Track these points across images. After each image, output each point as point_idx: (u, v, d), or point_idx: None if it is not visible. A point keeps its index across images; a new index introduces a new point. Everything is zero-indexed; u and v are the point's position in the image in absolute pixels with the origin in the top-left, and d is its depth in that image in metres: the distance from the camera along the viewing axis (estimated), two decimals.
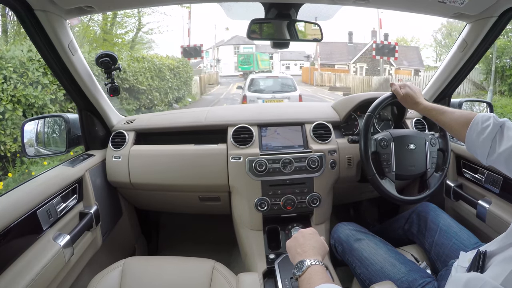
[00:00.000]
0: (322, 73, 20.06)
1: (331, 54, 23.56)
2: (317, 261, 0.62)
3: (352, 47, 23.43)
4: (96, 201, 1.07)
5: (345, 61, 22.71)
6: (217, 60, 29.61)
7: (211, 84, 19.55)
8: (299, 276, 0.61)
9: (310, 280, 0.58)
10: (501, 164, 0.67)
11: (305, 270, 0.61)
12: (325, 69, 21.52)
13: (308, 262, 0.62)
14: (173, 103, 8.75)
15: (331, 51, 23.64)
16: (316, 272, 0.60)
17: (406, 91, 0.94)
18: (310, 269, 0.60)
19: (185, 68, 10.04)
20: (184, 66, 10.07)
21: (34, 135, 1.14)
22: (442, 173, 1.05)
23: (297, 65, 30.76)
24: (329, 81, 18.46)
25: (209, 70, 24.87)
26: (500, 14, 0.92)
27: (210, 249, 1.33)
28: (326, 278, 0.58)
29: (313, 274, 0.59)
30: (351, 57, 22.67)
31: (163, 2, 0.95)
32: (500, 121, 0.69)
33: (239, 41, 29.12)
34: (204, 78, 15.72)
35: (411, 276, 0.80)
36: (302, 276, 0.61)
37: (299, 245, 0.69)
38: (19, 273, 0.71)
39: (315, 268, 0.60)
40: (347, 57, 22.85)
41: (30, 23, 0.82)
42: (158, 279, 0.84)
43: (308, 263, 0.61)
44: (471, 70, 1.18)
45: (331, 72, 19.91)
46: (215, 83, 20.28)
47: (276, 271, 0.99)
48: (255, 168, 1.06)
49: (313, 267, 0.61)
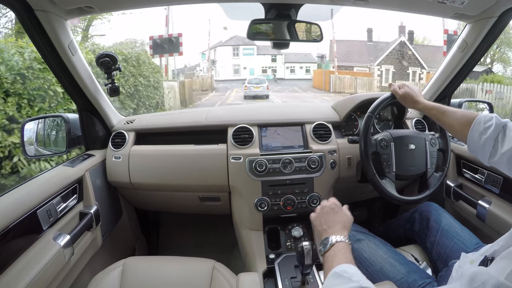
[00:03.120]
0: (340, 77, 16.37)
1: (348, 55, 19.83)
2: (342, 237, 0.64)
3: (372, 46, 20.03)
4: (96, 201, 1.07)
5: (365, 63, 19.28)
6: (211, 61, 26.09)
7: (205, 90, 16.83)
8: (324, 253, 0.63)
9: (333, 258, 0.60)
10: (503, 165, 0.66)
11: (329, 248, 0.63)
12: (343, 72, 17.74)
13: (333, 239, 0.63)
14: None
15: (348, 51, 19.92)
16: (339, 250, 0.61)
17: (405, 90, 0.94)
18: (334, 247, 0.62)
19: (146, 68, 6.33)
20: (145, 64, 6.31)
21: (34, 135, 1.14)
22: (442, 173, 1.05)
23: (303, 68, 27.62)
24: (350, 87, 15.25)
25: (203, 74, 22.19)
26: (500, 14, 0.92)
27: (210, 249, 1.33)
28: (347, 258, 0.59)
29: (336, 252, 0.61)
30: (372, 58, 19.21)
31: (163, 2, 0.95)
32: (502, 121, 0.68)
33: (238, 41, 26.64)
34: (190, 83, 12.38)
35: (411, 277, 0.80)
36: (327, 253, 0.63)
37: (325, 221, 0.70)
38: (19, 273, 0.71)
39: (339, 245, 0.62)
40: (367, 58, 19.43)
41: (30, 23, 0.82)
42: (158, 279, 0.84)
43: (333, 241, 0.63)
44: (471, 71, 1.18)
45: (351, 75, 16.63)
46: (209, 89, 17.50)
47: (276, 271, 0.99)
48: (255, 168, 1.06)
49: (337, 244, 0.63)
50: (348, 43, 20.23)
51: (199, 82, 17.59)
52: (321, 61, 23.30)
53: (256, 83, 14.56)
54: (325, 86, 17.22)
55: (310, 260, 0.81)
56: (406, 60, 18.23)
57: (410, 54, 18.27)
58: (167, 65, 11.21)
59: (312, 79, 21.94)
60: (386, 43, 19.85)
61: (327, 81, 16.96)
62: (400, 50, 18.43)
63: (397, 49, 18.51)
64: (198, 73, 23.11)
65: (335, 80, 16.16)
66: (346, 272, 0.52)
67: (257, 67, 27.25)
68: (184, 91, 10.74)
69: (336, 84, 16.03)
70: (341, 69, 18.20)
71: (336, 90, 15.54)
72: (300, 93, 17.14)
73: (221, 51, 27.49)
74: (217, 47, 27.59)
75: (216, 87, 19.28)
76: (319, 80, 18.73)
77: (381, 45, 19.94)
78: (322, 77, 18.06)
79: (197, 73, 22.74)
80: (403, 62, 18.16)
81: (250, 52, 26.53)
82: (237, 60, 27.36)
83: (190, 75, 19.90)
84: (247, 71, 26.73)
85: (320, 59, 24.08)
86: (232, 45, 27.19)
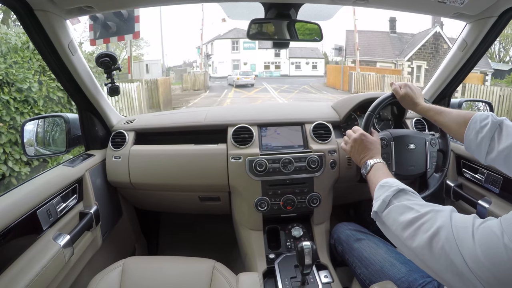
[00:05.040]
0: (364, 75, 13.12)
1: (369, 48, 16.68)
2: (377, 159, 0.80)
3: (396, 38, 16.93)
4: (96, 201, 1.07)
5: (389, 57, 16.21)
6: (206, 55, 23.28)
7: (197, 89, 14.55)
8: (366, 174, 0.79)
9: (376, 175, 0.75)
10: (500, 163, 0.67)
11: (370, 169, 0.79)
12: (366, 69, 14.57)
13: (370, 162, 0.80)
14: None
15: (369, 43, 16.78)
16: (378, 169, 0.77)
17: (406, 91, 0.94)
18: (373, 167, 0.78)
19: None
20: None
21: (34, 135, 1.14)
22: (442, 174, 1.05)
23: (309, 64, 24.67)
24: (376, 86, 12.43)
25: (195, 71, 19.16)
26: (500, 14, 0.92)
27: (210, 249, 1.33)
28: (386, 173, 0.75)
29: (376, 170, 0.77)
30: (397, 52, 16.22)
31: (163, 2, 0.95)
32: (498, 119, 0.69)
33: (238, 34, 23.48)
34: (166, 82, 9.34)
35: (411, 276, 0.80)
36: (369, 174, 0.78)
37: (360, 151, 0.85)
38: (19, 273, 0.71)
39: (376, 166, 0.78)
40: (391, 52, 16.41)
41: (30, 23, 0.82)
42: (158, 279, 0.84)
43: (371, 163, 0.79)
44: (471, 70, 1.18)
45: (376, 72, 13.27)
46: (202, 88, 14.97)
47: (276, 271, 0.99)
48: (255, 168, 1.06)
49: (375, 165, 0.79)
50: (368, 34, 17.14)
51: (190, 80, 15.20)
52: (339, 54, 19.04)
53: (246, 75, 18.02)
54: (343, 85, 14.33)
55: (310, 260, 0.81)
56: (442, 56, 14.44)
57: (446, 48, 14.67)
58: (130, 57, 8.64)
59: (323, 76, 19.54)
60: (411, 34, 16.91)
61: (346, 79, 13.93)
62: (434, 43, 15.11)
63: (431, 42, 15.16)
64: (195, 70, 20.77)
65: (357, 77, 13.04)
66: (387, 183, 0.68)
67: (259, 62, 24.62)
68: (158, 93, 8.42)
69: (358, 82, 12.96)
70: (361, 65, 15.58)
71: (358, 90, 12.20)
72: (314, 94, 14.12)
73: (219, 45, 24.60)
74: (214, 40, 24.70)
75: (212, 85, 17.45)
76: (335, 77, 15.82)
77: (406, 37, 16.88)
78: (339, 74, 15.10)
79: (193, 70, 20.41)
80: (437, 57, 14.55)
81: (251, 46, 23.30)
82: (236, 55, 24.53)
83: (181, 71, 18.10)
84: (247, 67, 24.01)
85: (338, 52, 19.28)
86: (231, 38, 24.24)
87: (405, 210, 0.58)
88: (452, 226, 0.49)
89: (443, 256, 0.48)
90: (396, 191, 0.63)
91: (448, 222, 0.50)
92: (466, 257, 0.45)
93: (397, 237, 0.59)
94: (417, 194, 0.64)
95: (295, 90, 15.59)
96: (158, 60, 18.74)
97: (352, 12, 14.89)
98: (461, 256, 0.45)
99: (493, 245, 0.43)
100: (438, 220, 0.51)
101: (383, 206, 0.63)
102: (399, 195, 0.63)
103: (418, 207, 0.57)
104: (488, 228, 0.45)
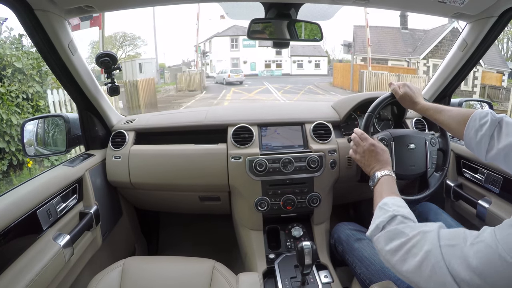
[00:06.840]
0: (376, 74, 11.94)
1: (379, 44, 15.48)
2: (386, 171, 0.78)
3: (408, 35, 15.76)
4: (96, 201, 1.07)
5: (401, 55, 15.14)
6: (203, 52, 21.93)
7: (192, 90, 13.63)
8: (373, 187, 0.78)
9: (381, 191, 0.73)
10: (500, 161, 0.67)
11: (376, 182, 0.77)
12: (378, 67, 13.49)
13: (378, 174, 0.78)
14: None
15: (379, 40, 15.53)
16: (384, 183, 0.76)
17: (405, 90, 0.94)
18: (380, 180, 0.77)
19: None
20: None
21: (34, 134, 1.14)
22: (442, 173, 1.05)
23: (312, 62, 23.79)
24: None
25: (192, 70, 18.49)
26: (500, 14, 0.92)
27: (210, 249, 1.33)
28: (392, 189, 0.73)
29: (382, 184, 0.75)
30: (410, 49, 15.06)
31: (163, 2, 0.95)
32: (498, 117, 0.69)
33: (237, 31, 22.41)
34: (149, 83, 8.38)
35: None
36: (375, 187, 0.77)
37: (369, 162, 0.83)
38: (19, 273, 0.71)
39: (383, 179, 0.76)
40: (403, 49, 15.24)
41: (30, 23, 0.82)
42: (158, 279, 0.84)
43: (378, 176, 0.78)
44: (471, 70, 1.18)
45: (389, 72, 12.19)
46: (198, 89, 14.01)
47: (276, 271, 0.99)
48: (255, 168, 1.06)
49: (382, 178, 0.77)
50: (378, 29, 15.74)
51: (185, 80, 14.18)
52: (348, 51, 17.24)
53: (236, 72, 18.48)
54: (353, 85, 13.08)
55: (310, 260, 0.81)
56: None
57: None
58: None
59: (327, 75, 18.61)
60: (423, 31, 15.73)
61: (356, 78, 12.68)
62: (452, 40, 13.42)
63: (448, 39, 13.73)
64: (192, 69, 19.89)
65: (369, 77, 11.85)
66: (386, 205, 0.66)
67: (259, 61, 23.61)
68: (138, 96, 7.49)
69: (371, 82, 11.73)
70: (372, 63, 14.36)
71: (371, 91, 10.83)
72: (322, 95, 13.07)
73: (217, 43, 23.47)
74: (212, 38, 23.65)
75: (209, 85, 16.40)
76: (343, 76, 14.65)
77: (418, 34, 15.67)
78: (348, 73, 13.90)
79: (189, 69, 19.42)
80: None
81: (251, 43, 21.86)
82: (236, 53, 23.52)
83: (176, 70, 17.23)
84: (247, 65, 23.26)
85: (347, 49, 17.30)
86: (230, 35, 23.08)
87: (395, 236, 0.59)
88: (441, 247, 0.50)
89: (434, 278, 0.49)
90: (390, 218, 0.62)
91: (436, 244, 0.51)
92: (456, 277, 0.47)
93: (387, 262, 0.60)
94: (413, 216, 0.64)
95: (300, 90, 14.68)
96: (153, 59, 17.86)
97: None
98: (451, 277, 0.47)
99: (489, 259, 0.45)
100: (426, 243, 0.52)
101: (376, 232, 0.63)
102: (393, 220, 0.62)
103: (409, 230, 0.57)
104: (482, 243, 0.47)
